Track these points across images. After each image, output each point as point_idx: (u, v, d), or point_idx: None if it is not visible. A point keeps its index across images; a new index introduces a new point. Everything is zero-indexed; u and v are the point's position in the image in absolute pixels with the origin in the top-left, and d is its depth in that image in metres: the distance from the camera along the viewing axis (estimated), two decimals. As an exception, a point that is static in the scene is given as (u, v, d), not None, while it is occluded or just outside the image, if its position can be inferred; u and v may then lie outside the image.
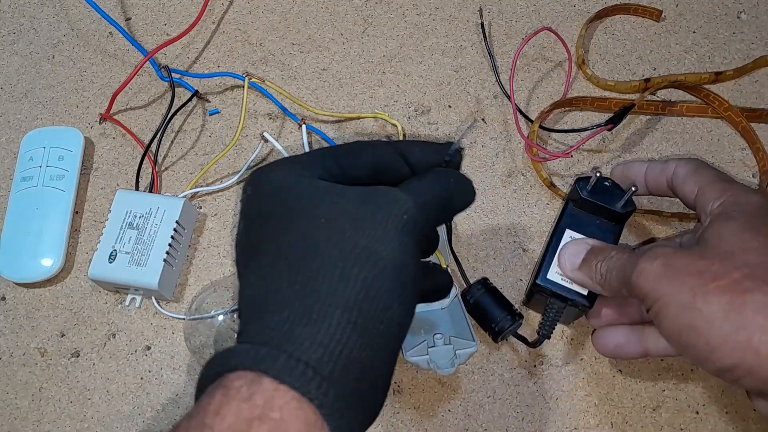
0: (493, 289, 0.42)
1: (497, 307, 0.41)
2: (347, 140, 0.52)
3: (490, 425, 0.43)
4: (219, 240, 0.50)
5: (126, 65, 0.57)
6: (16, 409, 0.46)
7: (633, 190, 0.40)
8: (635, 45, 0.55)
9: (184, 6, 0.59)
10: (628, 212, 0.41)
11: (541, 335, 0.41)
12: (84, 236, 0.51)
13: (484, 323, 0.41)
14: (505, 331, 0.41)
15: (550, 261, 0.41)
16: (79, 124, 0.55)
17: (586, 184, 0.41)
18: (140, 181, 0.51)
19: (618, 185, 0.42)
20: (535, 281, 0.41)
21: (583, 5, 0.57)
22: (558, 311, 0.41)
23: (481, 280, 0.42)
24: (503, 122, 0.52)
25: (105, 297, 0.48)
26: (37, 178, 0.51)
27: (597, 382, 0.44)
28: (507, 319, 0.40)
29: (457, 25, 0.57)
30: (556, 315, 0.41)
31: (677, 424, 0.43)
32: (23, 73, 0.57)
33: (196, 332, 0.43)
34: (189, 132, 0.54)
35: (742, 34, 0.55)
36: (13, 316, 0.49)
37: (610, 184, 0.41)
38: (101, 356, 0.47)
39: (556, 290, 0.41)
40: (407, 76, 0.55)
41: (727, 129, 0.51)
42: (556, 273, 0.41)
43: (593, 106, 0.52)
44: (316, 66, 0.56)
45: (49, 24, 0.59)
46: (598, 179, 0.41)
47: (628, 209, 0.41)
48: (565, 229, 0.42)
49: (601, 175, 0.41)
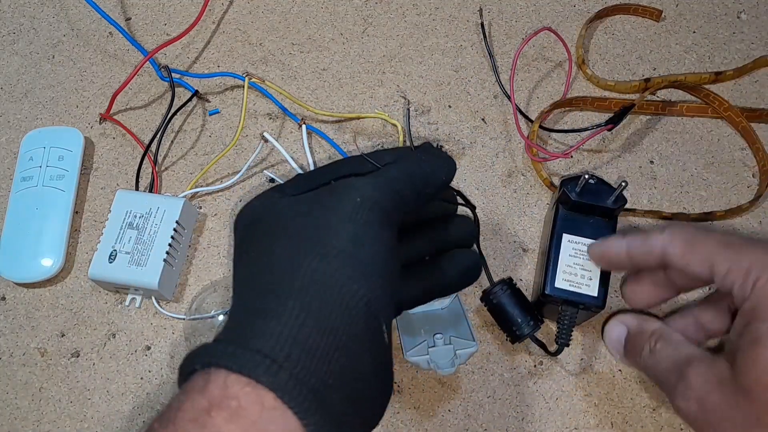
0: (517, 290, 0.41)
1: (519, 309, 0.41)
2: (347, 140, 0.52)
3: (490, 425, 0.43)
4: (219, 240, 0.50)
5: (126, 65, 0.57)
6: (16, 409, 0.46)
7: (623, 185, 0.40)
8: (635, 45, 0.55)
9: (184, 6, 0.59)
10: (619, 207, 0.41)
11: (560, 344, 0.41)
12: (84, 236, 0.51)
13: (504, 324, 0.41)
14: (524, 336, 0.40)
15: (555, 269, 0.41)
16: (79, 124, 0.55)
17: (575, 186, 0.41)
18: (140, 181, 0.51)
19: (603, 181, 0.42)
20: (543, 292, 0.41)
21: (583, 5, 0.57)
22: (572, 317, 0.41)
23: (506, 280, 0.41)
24: (503, 122, 0.52)
25: (105, 297, 0.48)
26: (37, 178, 0.51)
27: (597, 382, 0.44)
28: (529, 324, 0.40)
29: (457, 25, 0.57)
30: (570, 321, 0.41)
31: (677, 424, 0.42)
32: (23, 73, 0.57)
33: (196, 332, 0.43)
34: (189, 132, 0.54)
35: (742, 34, 0.55)
36: (13, 316, 0.49)
37: (595, 182, 0.41)
38: (101, 356, 0.47)
39: (566, 297, 0.41)
40: (407, 76, 0.55)
41: (727, 129, 0.51)
42: (563, 280, 0.41)
43: (593, 106, 0.52)
44: (316, 66, 0.56)
45: (49, 24, 0.59)
46: (586, 180, 0.41)
47: (619, 204, 0.41)
48: (562, 235, 0.42)
49: (588, 176, 0.41)
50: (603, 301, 0.40)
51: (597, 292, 0.40)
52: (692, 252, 0.34)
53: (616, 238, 0.38)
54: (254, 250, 0.32)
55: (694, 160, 0.50)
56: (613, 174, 0.50)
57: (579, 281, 0.41)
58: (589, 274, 0.41)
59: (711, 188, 0.49)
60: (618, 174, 0.50)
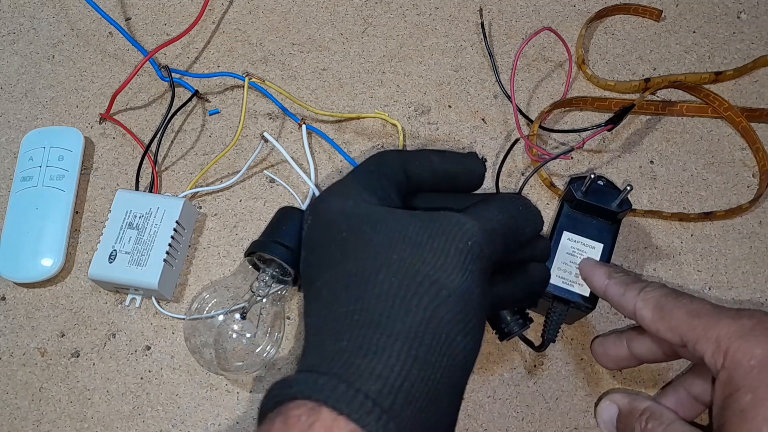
0: None
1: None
2: (347, 140, 0.52)
3: (490, 425, 0.43)
4: (219, 240, 0.50)
5: (126, 65, 0.57)
6: (16, 409, 0.46)
7: (628, 189, 0.40)
8: (635, 45, 0.55)
9: (184, 6, 0.59)
10: (623, 211, 0.41)
11: (546, 339, 0.41)
12: (84, 236, 0.51)
13: (493, 322, 0.41)
14: (513, 334, 0.40)
15: (550, 264, 0.41)
16: (79, 124, 0.55)
17: (581, 185, 0.41)
18: (140, 181, 0.51)
19: (613, 184, 0.42)
20: None
21: (583, 5, 0.57)
22: (561, 314, 0.41)
23: None
24: (503, 122, 0.52)
25: (105, 297, 0.48)
26: (37, 178, 0.51)
27: (597, 382, 0.44)
28: (518, 323, 0.40)
29: (457, 25, 0.57)
30: (559, 318, 0.41)
31: (677, 424, 0.43)
32: (23, 73, 0.57)
33: (196, 332, 0.43)
34: (189, 132, 0.54)
35: (742, 34, 0.55)
36: (13, 316, 0.49)
37: (604, 183, 0.41)
38: (101, 356, 0.47)
39: (558, 294, 0.41)
40: (407, 76, 0.55)
41: (727, 129, 0.51)
42: (557, 276, 0.41)
43: (593, 106, 0.52)
44: (316, 66, 0.56)
45: (49, 24, 0.59)
46: (593, 180, 0.41)
47: (623, 208, 0.41)
48: (563, 232, 0.42)
49: (595, 176, 0.41)
50: (593, 302, 0.40)
51: (589, 293, 0.40)
52: (662, 319, 0.34)
53: (601, 273, 0.39)
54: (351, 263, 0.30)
55: (694, 160, 0.50)
56: (613, 174, 0.50)
57: (573, 279, 0.41)
58: None
59: (711, 188, 0.49)
60: (618, 174, 0.50)
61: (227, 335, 0.43)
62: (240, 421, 0.44)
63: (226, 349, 0.43)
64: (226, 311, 0.43)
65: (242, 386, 0.45)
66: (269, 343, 0.43)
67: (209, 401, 0.45)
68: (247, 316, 0.42)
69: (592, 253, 0.42)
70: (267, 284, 0.42)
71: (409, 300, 0.27)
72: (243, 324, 0.42)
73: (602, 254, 0.42)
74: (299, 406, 0.26)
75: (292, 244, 0.40)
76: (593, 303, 0.40)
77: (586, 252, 0.42)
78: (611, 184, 0.42)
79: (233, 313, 0.43)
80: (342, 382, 0.25)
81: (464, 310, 0.28)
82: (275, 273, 0.42)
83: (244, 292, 0.43)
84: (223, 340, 0.43)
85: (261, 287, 0.42)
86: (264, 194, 0.51)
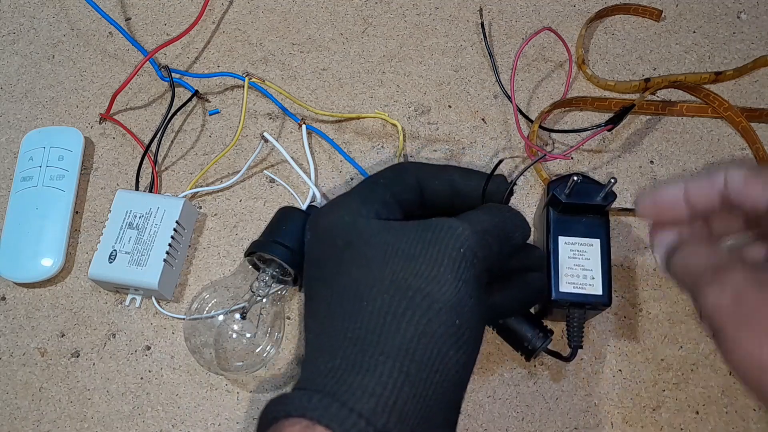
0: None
1: (527, 324, 0.40)
2: (347, 140, 0.52)
3: (490, 425, 0.43)
4: (219, 240, 0.50)
5: (126, 65, 0.57)
6: (16, 409, 0.46)
7: (612, 182, 0.40)
8: (635, 45, 0.55)
9: (184, 6, 0.59)
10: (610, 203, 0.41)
11: (574, 347, 0.41)
12: (84, 236, 0.51)
13: (515, 343, 0.41)
14: (538, 350, 0.40)
15: (557, 273, 0.41)
16: (79, 124, 0.55)
17: (564, 188, 0.41)
18: (140, 181, 0.51)
19: (591, 179, 0.41)
20: (550, 298, 0.41)
21: (583, 5, 0.57)
22: (581, 318, 0.41)
23: None
24: (503, 122, 0.52)
25: (105, 297, 0.48)
26: (37, 178, 0.51)
27: (597, 382, 0.44)
28: (539, 338, 0.40)
29: (457, 25, 0.57)
30: (580, 322, 0.41)
31: (677, 424, 0.43)
32: (23, 73, 0.57)
33: (196, 332, 0.43)
34: (189, 132, 0.54)
35: (742, 34, 0.55)
36: (13, 316, 0.49)
37: (580, 179, 0.41)
38: (101, 356, 0.47)
39: (573, 299, 0.40)
40: (407, 76, 0.55)
41: (727, 129, 0.51)
42: (567, 283, 0.41)
43: (593, 106, 0.52)
44: (316, 66, 0.56)
45: (49, 24, 0.59)
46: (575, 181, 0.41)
47: (609, 200, 0.41)
48: (558, 237, 0.42)
49: (578, 178, 0.40)
50: (609, 297, 0.40)
51: (602, 290, 0.40)
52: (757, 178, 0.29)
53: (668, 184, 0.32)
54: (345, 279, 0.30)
55: (694, 160, 0.50)
56: (614, 174, 0.50)
57: (582, 282, 0.41)
58: (591, 273, 0.41)
59: (711, 188, 0.49)
60: (618, 174, 0.50)
61: (227, 335, 0.43)
62: (240, 421, 0.44)
63: (226, 349, 0.43)
64: (226, 311, 0.43)
65: (242, 386, 0.45)
66: (269, 343, 0.43)
67: (209, 401, 0.45)
68: (247, 316, 0.42)
69: (592, 250, 0.42)
70: (267, 284, 0.42)
71: (400, 316, 0.28)
72: (243, 324, 0.42)
73: (602, 248, 0.41)
74: (294, 423, 0.26)
75: (292, 244, 0.40)
76: (609, 299, 0.40)
77: (586, 251, 0.42)
78: (589, 179, 0.41)
79: (233, 313, 0.43)
80: (335, 400, 0.26)
81: (457, 322, 0.28)
82: (275, 273, 0.42)
83: (244, 292, 0.43)
84: (223, 340, 0.43)
85: (261, 287, 0.42)
86: (264, 194, 0.51)
